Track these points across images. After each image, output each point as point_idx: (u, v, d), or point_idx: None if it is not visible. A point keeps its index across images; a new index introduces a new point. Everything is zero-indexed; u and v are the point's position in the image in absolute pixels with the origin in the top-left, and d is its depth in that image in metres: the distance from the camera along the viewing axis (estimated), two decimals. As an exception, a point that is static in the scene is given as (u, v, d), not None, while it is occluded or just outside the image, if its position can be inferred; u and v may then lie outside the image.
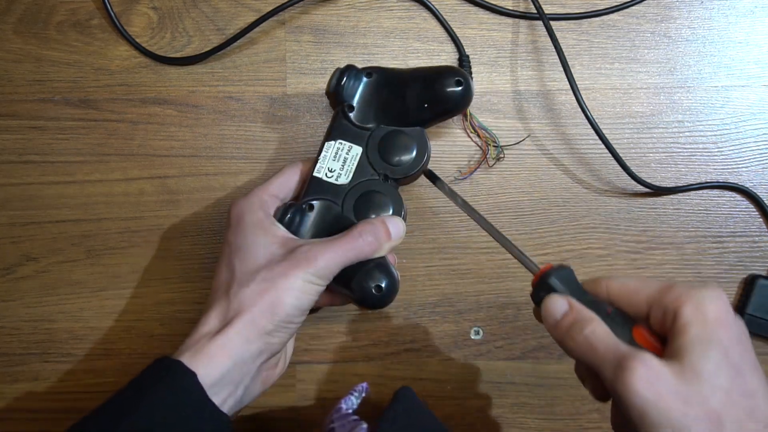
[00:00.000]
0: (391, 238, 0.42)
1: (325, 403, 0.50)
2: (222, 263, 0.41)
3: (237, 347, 0.38)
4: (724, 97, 0.51)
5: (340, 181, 0.44)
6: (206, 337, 0.38)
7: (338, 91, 0.44)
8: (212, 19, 0.50)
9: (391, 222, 0.42)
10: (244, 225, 0.41)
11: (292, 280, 0.38)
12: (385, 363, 0.50)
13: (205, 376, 0.37)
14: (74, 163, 0.49)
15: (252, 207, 0.42)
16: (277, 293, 0.38)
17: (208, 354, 0.37)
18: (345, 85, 0.44)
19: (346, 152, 0.44)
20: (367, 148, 0.44)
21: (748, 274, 0.50)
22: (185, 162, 0.50)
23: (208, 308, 0.40)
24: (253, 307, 0.38)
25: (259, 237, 0.40)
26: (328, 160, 0.44)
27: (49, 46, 0.49)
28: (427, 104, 0.44)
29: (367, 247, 0.41)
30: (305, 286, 0.39)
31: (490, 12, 0.51)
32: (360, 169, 0.44)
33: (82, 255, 0.49)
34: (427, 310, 0.50)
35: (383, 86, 0.44)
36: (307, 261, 0.39)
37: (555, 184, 0.50)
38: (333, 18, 0.50)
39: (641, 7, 0.51)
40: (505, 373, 0.50)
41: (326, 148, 0.44)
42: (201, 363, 0.37)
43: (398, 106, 0.44)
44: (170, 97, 0.50)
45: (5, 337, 0.49)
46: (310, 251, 0.39)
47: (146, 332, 0.49)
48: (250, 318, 0.38)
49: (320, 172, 0.44)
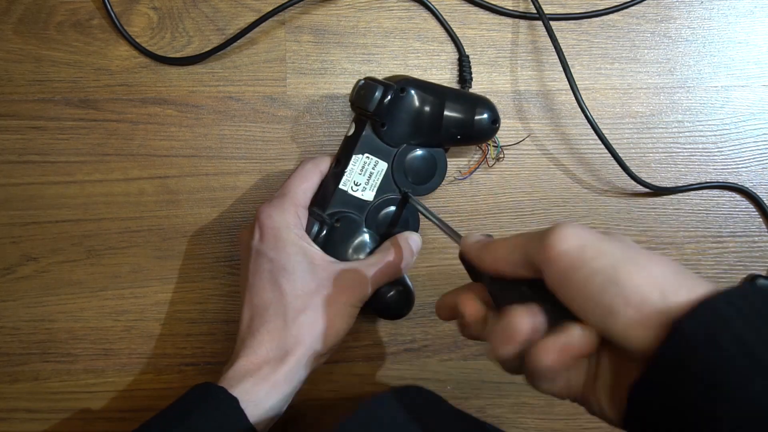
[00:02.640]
0: (414, 255, 0.45)
1: (326, 403, 0.50)
2: (263, 279, 0.41)
3: (297, 374, 0.40)
4: (724, 97, 0.51)
5: (365, 196, 0.45)
6: (269, 364, 0.39)
7: (379, 109, 0.43)
8: (212, 19, 0.50)
9: (413, 240, 0.45)
10: (284, 243, 0.42)
11: (342, 308, 0.41)
12: (385, 363, 0.50)
13: (265, 402, 0.39)
14: (74, 163, 0.49)
15: (289, 223, 0.42)
16: (330, 321, 0.41)
17: (273, 382, 0.39)
18: (386, 103, 0.43)
19: (372, 167, 0.45)
20: (393, 165, 0.45)
21: (748, 274, 0.50)
22: (185, 162, 0.50)
23: (260, 330, 0.40)
24: (311, 336, 0.40)
25: (302, 258, 0.42)
26: (355, 174, 0.44)
27: (49, 46, 0.49)
28: (460, 136, 0.45)
29: (396, 270, 0.44)
30: (352, 311, 0.42)
31: (490, 12, 0.51)
32: (384, 184, 0.45)
33: (82, 255, 0.49)
34: (427, 310, 0.50)
35: (418, 107, 0.44)
36: (354, 288, 0.42)
37: (555, 184, 0.50)
38: (333, 18, 0.50)
39: (641, 7, 0.51)
40: (505, 372, 0.50)
41: (354, 161, 0.44)
42: (263, 390, 0.39)
43: (431, 129, 0.45)
44: (170, 97, 0.50)
45: (5, 337, 0.49)
46: (354, 279, 0.42)
47: (146, 332, 0.49)
48: (309, 346, 0.40)
49: (346, 185, 0.44)
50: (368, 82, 0.43)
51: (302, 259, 0.41)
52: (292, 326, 0.40)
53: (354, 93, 0.44)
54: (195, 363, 0.49)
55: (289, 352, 0.40)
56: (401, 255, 0.44)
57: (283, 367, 0.39)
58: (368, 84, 0.43)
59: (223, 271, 0.50)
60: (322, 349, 0.41)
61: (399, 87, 0.43)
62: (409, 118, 0.44)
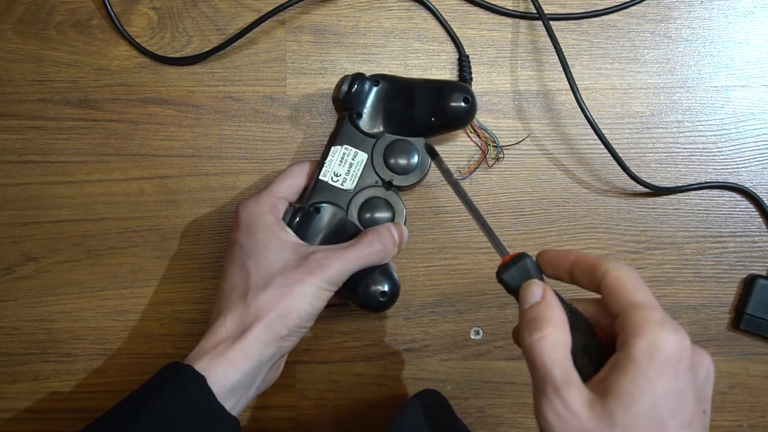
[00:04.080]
0: (396, 245, 0.44)
1: (326, 403, 0.50)
2: (233, 265, 0.42)
3: (256, 351, 0.39)
4: (724, 97, 0.51)
5: (345, 186, 0.45)
6: (226, 341, 0.39)
7: (348, 98, 0.45)
8: (212, 19, 0.50)
9: (396, 229, 0.44)
10: (255, 228, 0.42)
11: (306, 287, 0.40)
12: (385, 363, 0.50)
13: (225, 379, 0.38)
14: (74, 163, 0.49)
15: (262, 210, 0.43)
16: (292, 299, 0.39)
17: (229, 358, 0.38)
18: (355, 92, 0.45)
19: (352, 158, 0.45)
20: (372, 155, 0.46)
21: (747, 274, 0.50)
22: (185, 162, 0.50)
23: (224, 311, 0.40)
24: (271, 312, 0.39)
25: (272, 241, 0.41)
26: (334, 165, 0.45)
27: (49, 46, 0.49)
28: (434, 117, 0.45)
29: (376, 255, 0.43)
30: (318, 292, 0.40)
31: (490, 12, 0.51)
32: (364, 175, 0.46)
33: (82, 255, 0.49)
34: (427, 310, 0.50)
35: (391, 96, 0.46)
36: (321, 269, 0.40)
37: (555, 184, 0.50)
38: (333, 18, 0.50)
39: (641, 7, 0.51)
40: (505, 373, 0.50)
41: (332, 152, 0.45)
42: (221, 366, 0.38)
43: (405, 117, 0.46)
44: (170, 97, 0.50)
45: (5, 337, 0.49)
46: (323, 259, 0.41)
47: (146, 332, 0.49)
48: (268, 323, 0.39)
49: (326, 176, 0.45)
50: (343, 76, 0.46)
51: (271, 243, 0.41)
52: (252, 304, 0.39)
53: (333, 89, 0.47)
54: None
55: (247, 328, 0.39)
56: (380, 241, 0.43)
57: (240, 342, 0.38)
58: (342, 78, 0.46)
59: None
60: (283, 328, 0.39)
61: (369, 77, 0.46)
62: (381, 107, 0.46)
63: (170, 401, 0.36)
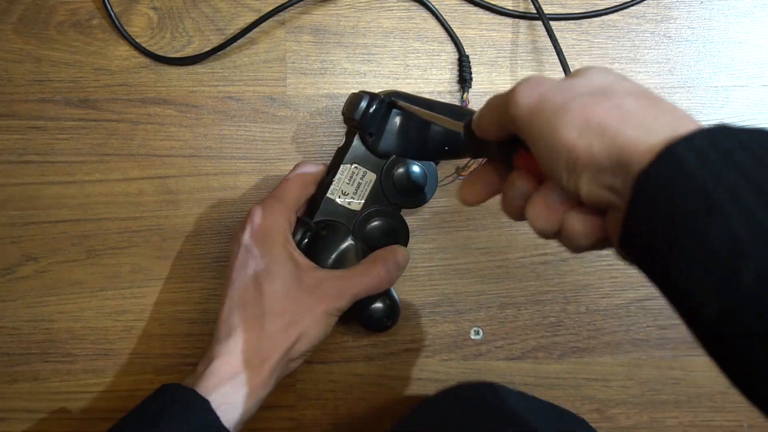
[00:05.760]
0: (399, 269, 0.45)
1: (326, 403, 0.50)
2: (246, 276, 0.42)
3: (272, 379, 0.41)
4: (724, 97, 0.51)
5: (353, 206, 0.45)
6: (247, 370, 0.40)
7: (364, 119, 0.43)
8: (212, 19, 0.50)
9: (400, 254, 0.45)
10: (271, 245, 0.42)
11: (319, 316, 0.41)
12: (385, 363, 0.50)
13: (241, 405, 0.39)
14: (74, 163, 0.49)
15: (280, 224, 0.43)
16: (305, 327, 0.41)
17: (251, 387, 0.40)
18: (372, 113, 0.43)
19: (361, 177, 0.45)
20: (381, 176, 0.45)
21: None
22: (185, 162, 0.50)
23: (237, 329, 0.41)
24: (287, 342, 0.40)
25: (287, 262, 0.42)
26: (343, 183, 0.45)
27: (49, 46, 0.49)
28: (448, 147, 0.44)
29: (384, 284, 0.44)
30: (329, 319, 0.42)
31: (490, 12, 0.51)
32: (372, 195, 0.45)
33: (82, 255, 0.49)
34: (427, 310, 0.50)
35: (406, 119, 0.44)
36: (333, 298, 0.42)
37: (555, 184, 0.50)
38: (333, 18, 0.50)
39: (641, 7, 0.51)
40: (505, 373, 0.50)
41: (342, 170, 0.45)
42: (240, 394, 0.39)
43: (418, 141, 0.45)
44: (170, 97, 0.50)
45: (5, 337, 0.49)
46: (334, 288, 0.42)
47: (146, 332, 0.49)
48: (285, 353, 0.40)
49: (334, 194, 0.45)
50: (358, 93, 0.44)
51: (287, 263, 0.42)
52: (268, 331, 0.40)
53: (345, 104, 0.45)
54: (195, 363, 0.49)
55: (266, 358, 0.40)
56: (386, 268, 0.43)
57: (261, 372, 0.40)
58: (357, 94, 0.44)
59: (223, 271, 0.50)
60: (295, 354, 0.41)
61: (386, 98, 0.44)
62: (396, 130, 0.44)
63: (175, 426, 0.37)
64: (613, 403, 0.50)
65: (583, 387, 0.50)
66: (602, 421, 0.50)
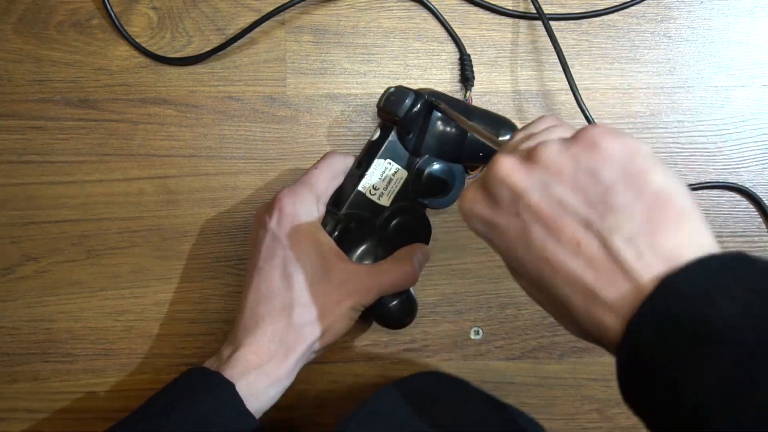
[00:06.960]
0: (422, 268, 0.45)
1: (326, 403, 0.50)
2: (274, 265, 0.41)
3: (296, 368, 0.41)
4: (724, 97, 0.51)
5: (382, 201, 0.45)
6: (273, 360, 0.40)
7: (407, 117, 0.43)
8: (212, 19, 0.50)
9: (423, 252, 0.45)
10: (300, 234, 0.42)
11: (345, 310, 0.41)
12: (385, 363, 0.50)
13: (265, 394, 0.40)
14: (74, 163, 0.49)
15: (310, 211, 0.42)
16: (332, 321, 0.41)
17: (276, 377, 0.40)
18: (415, 112, 0.43)
19: (392, 173, 0.45)
20: (412, 175, 0.45)
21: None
22: (185, 162, 0.50)
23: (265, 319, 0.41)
24: (315, 333, 0.41)
25: (316, 252, 0.42)
26: (375, 178, 0.44)
27: (49, 46, 0.49)
28: (482, 154, 0.45)
29: (408, 282, 0.44)
30: (354, 313, 0.42)
31: (490, 12, 0.51)
32: (401, 192, 0.45)
33: (82, 255, 0.49)
34: (427, 310, 0.50)
35: (445, 122, 0.44)
36: (360, 294, 0.42)
37: (555, 184, 0.50)
38: (333, 18, 0.50)
39: (641, 7, 0.51)
40: (505, 373, 0.50)
41: (375, 165, 0.44)
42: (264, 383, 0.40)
43: (453, 144, 0.45)
44: (170, 97, 0.50)
45: (5, 337, 0.49)
46: (363, 283, 0.42)
47: (146, 332, 0.49)
48: (310, 344, 0.41)
49: (365, 188, 0.44)
50: (400, 89, 0.44)
51: (316, 254, 0.41)
52: (297, 322, 0.40)
53: (384, 98, 0.44)
54: (195, 363, 0.49)
55: (292, 348, 0.40)
56: (414, 267, 0.44)
57: (286, 363, 0.40)
58: (400, 90, 0.44)
59: (223, 271, 0.50)
60: (319, 347, 0.42)
61: (430, 98, 0.44)
62: (435, 130, 0.44)
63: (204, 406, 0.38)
64: (613, 403, 0.50)
65: (583, 387, 0.50)
66: (602, 421, 0.50)
